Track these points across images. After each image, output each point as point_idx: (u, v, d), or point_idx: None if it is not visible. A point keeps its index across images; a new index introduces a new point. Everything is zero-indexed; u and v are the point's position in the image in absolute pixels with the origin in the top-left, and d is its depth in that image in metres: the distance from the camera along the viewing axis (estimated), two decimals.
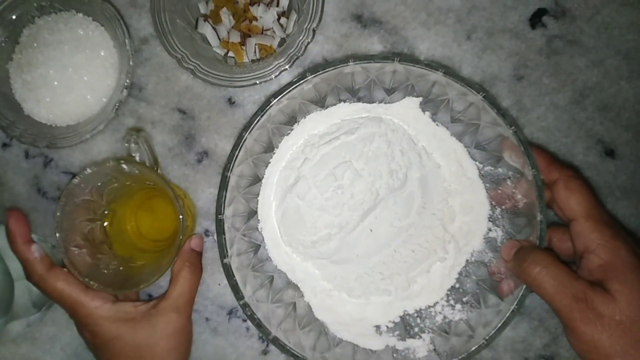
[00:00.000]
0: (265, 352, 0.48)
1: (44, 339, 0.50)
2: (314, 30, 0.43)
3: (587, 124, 0.47)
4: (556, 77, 0.47)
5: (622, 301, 0.32)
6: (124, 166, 0.41)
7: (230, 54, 0.47)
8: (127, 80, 0.45)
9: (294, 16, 0.45)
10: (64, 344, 0.50)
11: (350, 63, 0.39)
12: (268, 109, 0.39)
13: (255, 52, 0.46)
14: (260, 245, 0.44)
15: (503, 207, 0.42)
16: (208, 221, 0.49)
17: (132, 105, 0.49)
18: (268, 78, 0.43)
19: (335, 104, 0.43)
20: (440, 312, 0.43)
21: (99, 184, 0.43)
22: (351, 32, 0.47)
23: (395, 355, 0.42)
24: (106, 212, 0.45)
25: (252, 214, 0.44)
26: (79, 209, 0.43)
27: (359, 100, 0.44)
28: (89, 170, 0.41)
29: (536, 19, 0.47)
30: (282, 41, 0.46)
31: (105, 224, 0.46)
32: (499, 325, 0.38)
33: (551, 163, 0.38)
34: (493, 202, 0.43)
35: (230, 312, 0.49)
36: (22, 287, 0.45)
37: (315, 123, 0.44)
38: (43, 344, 0.50)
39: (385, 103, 0.44)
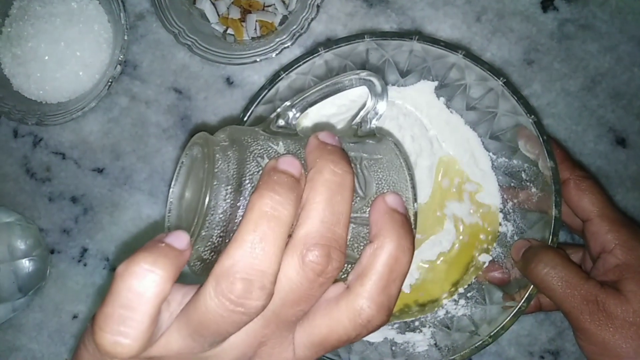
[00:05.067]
0: None
1: (30, 325, 0.48)
2: (318, 6, 0.41)
3: (599, 112, 0.45)
4: (567, 63, 0.45)
5: (636, 302, 0.31)
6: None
7: (230, 30, 0.45)
8: (121, 56, 0.43)
9: None
10: (52, 331, 0.48)
11: (367, 39, 0.37)
12: (277, 82, 0.37)
13: (255, 29, 0.44)
14: None
15: (515, 200, 0.40)
16: None
17: (126, 83, 0.47)
18: (269, 56, 0.41)
19: None
20: (442, 307, 0.42)
21: None
22: (356, 11, 0.45)
23: (393, 348, 0.41)
24: None
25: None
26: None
27: None
28: None
29: (548, 2, 0.45)
30: (284, 18, 0.45)
31: None
32: (504, 322, 0.37)
33: (563, 161, 0.37)
34: (505, 195, 0.41)
35: None
36: (6, 269, 0.43)
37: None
38: (29, 331, 0.48)
39: (398, 86, 0.42)
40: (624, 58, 0.45)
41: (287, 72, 0.38)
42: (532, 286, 0.36)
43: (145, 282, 0.19)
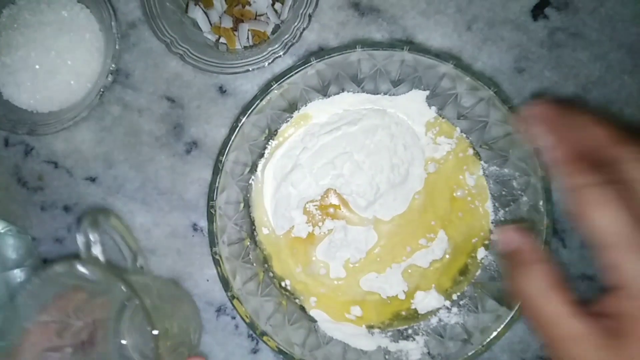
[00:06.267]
0: (255, 351, 0.47)
1: None
2: (309, 16, 0.41)
3: None
4: (558, 71, 0.45)
5: None
6: (80, 268, 0.32)
7: (222, 39, 0.45)
8: (113, 65, 0.43)
9: (289, 1, 0.44)
10: None
11: (358, 49, 0.37)
12: (269, 92, 0.38)
13: (248, 38, 0.44)
14: None
15: (507, 209, 0.41)
16: (196, 214, 0.47)
17: (118, 92, 0.47)
18: (261, 65, 0.41)
19: (338, 93, 0.42)
20: (435, 315, 0.42)
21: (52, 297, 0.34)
22: (348, 20, 0.46)
23: (387, 356, 0.41)
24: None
25: (246, 202, 0.42)
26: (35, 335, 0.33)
27: (363, 90, 0.42)
28: (34, 282, 0.32)
29: (538, 11, 0.46)
30: (277, 27, 0.45)
31: None
32: (497, 331, 0.37)
33: (575, 160, 0.28)
34: (496, 204, 0.41)
35: (219, 309, 0.47)
36: None
37: (316, 112, 0.42)
38: None
39: (390, 95, 0.42)
40: (614, 66, 0.45)
41: (279, 82, 0.38)
42: None
43: None
